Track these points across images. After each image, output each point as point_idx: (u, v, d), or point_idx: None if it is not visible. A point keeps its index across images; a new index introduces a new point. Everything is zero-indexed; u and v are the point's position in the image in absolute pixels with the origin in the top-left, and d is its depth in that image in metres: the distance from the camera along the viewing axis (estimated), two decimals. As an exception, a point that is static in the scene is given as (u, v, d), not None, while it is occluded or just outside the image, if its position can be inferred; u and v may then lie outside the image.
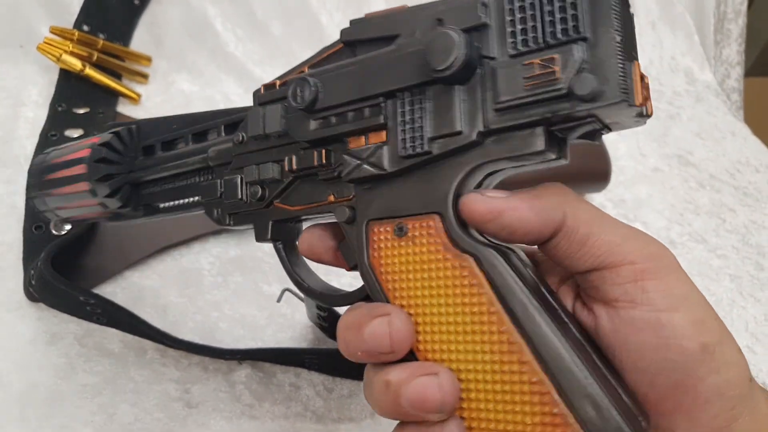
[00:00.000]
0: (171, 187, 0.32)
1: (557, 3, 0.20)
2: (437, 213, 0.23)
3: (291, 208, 0.27)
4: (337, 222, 0.25)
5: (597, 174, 0.57)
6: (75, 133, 0.52)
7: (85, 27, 0.59)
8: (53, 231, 0.44)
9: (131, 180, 0.32)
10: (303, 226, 0.29)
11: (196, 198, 0.31)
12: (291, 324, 0.45)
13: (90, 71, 0.57)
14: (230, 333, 0.44)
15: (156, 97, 0.60)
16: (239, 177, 0.28)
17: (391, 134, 0.24)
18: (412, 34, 0.23)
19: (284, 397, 0.41)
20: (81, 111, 0.55)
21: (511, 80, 0.21)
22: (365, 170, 0.24)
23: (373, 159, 0.24)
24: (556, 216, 0.22)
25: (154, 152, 0.32)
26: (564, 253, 0.22)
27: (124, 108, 0.58)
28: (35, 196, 0.36)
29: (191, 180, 0.31)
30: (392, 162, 0.23)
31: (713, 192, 0.64)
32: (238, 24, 0.64)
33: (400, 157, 0.23)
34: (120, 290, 0.44)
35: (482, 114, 0.22)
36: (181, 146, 0.32)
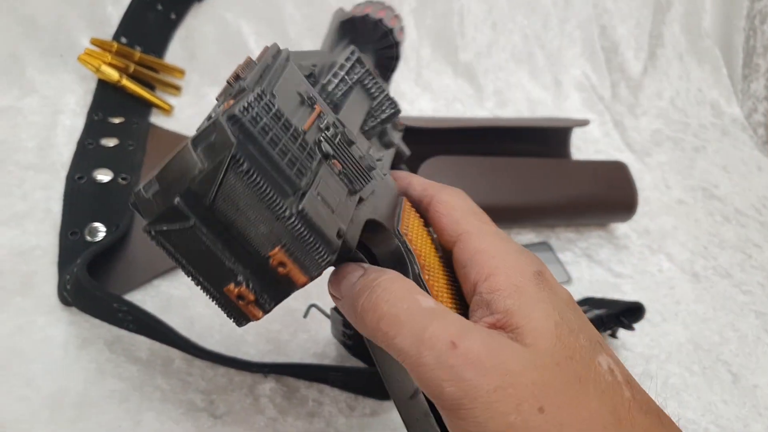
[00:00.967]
0: None
1: None
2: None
3: None
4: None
5: (623, 203, 0.57)
6: (110, 142, 0.53)
7: (123, 39, 0.61)
8: (87, 237, 0.45)
9: None
10: None
11: None
12: (315, 340, 0.45)
13: (126, 82, 0.58)
14: (255, 346, 0.44)
15: (188, 109, 0.61)
16: None
17: None
18: None
19: (307, 413, 0.41)
20: (116, 120, 0.56)
21: None
22: None
23: None
24: None
25: None
26: None
27: (157, 119, 0.59)
28: None
29: None
30: None
31: (738, 227, 0.64)
32: (271, 40, 0.65)
33: None
34: (149, 299, 0.45)
35: None
36: None
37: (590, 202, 0.56)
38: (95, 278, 0.40)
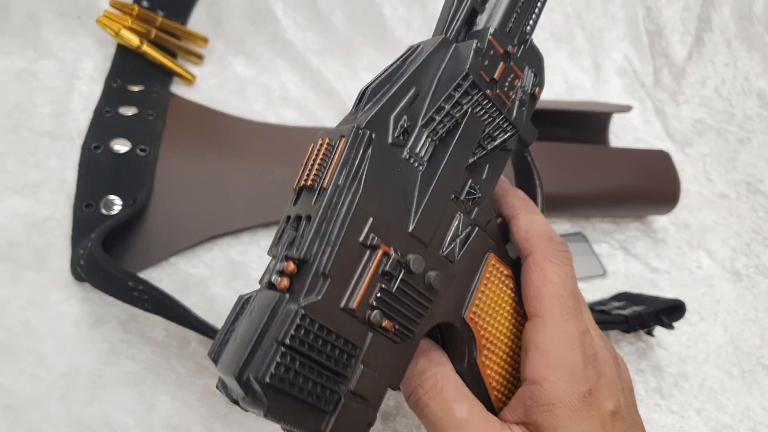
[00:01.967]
0: None
1: None
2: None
3: None
4: None
5: (665, 195, 0.54)
6: (129, 111, 0.51)
7: (145, 3, 0.58)
8: (103, 211, 0.43)
9: None
10: None
11: None
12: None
13: (147, 48, 0.55)
14: (275, 331, 0.42)
15: (210, 79, 0.58)
16: None
17: None
18: None
19: (328, 404, 0.39)
20: (136, 88, 0.53)
21: None
22: None
23: None
24: None
25: None
26: None
27: (178, 89, 0.57)
28: None
29: None
30: None
31: (782, 224, 0.61)
32: (299, 11, 0.62)
33: None
34: (166, 277, 0.43)
35: None
36: None
37: (630, 193, 0.53)
38: (110, 254, 0.38)
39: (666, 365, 0.49)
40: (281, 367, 0.21)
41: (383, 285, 0.24)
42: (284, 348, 0.21)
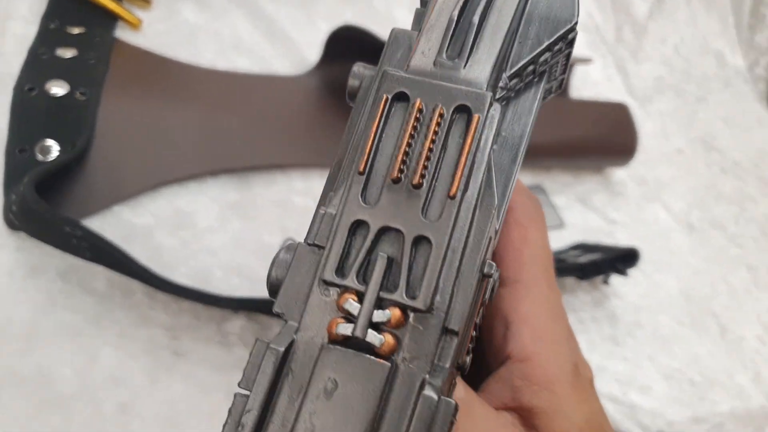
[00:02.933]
0: None
1: None
2: None
3: None
4: None
5: (623, 146, 0.54)
6: (68, 53, 0.48)
7: (86, -60, 0.54)
8: (39, 156, 0.40)
9: None
10: None
11: None
12: (291, 277, 0.42)
13: (88, -11, 0.52)
14: (226, 281, 0.41)
15: (158, 25, 0.55)
16: None
17: None
18: None
19: (280, 354, 0.38)
20: (75, 31, 0.50)
21: None
22: None
23: None
24: None
25: None
26: None
27: (123, 33, 0.54)
28: None
29: None
30: None
31: (736, 179, 0.62)
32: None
33: None
34: (108, 226, 0.41)
35: None
36: None
37: (589, 143, 0.52)
38: (47, 201, 0.36)
39: (621, 314, 0.49)
40: None
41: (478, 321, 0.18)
42: None
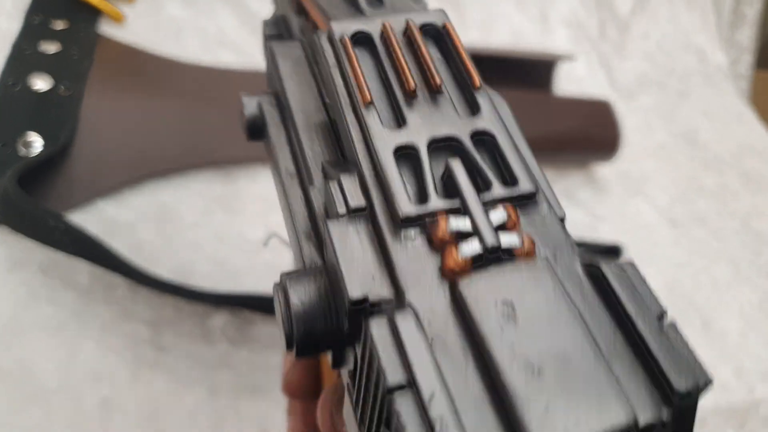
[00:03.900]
0: None
1: None
2: None
3: None
4: None
5: (606, 142, 0.54)
6: (51, 48, 0.47)
7: (69, -65, 0.54)
8: (22, 149, 0.40)
9: None
10: None
11: None
12: (276, 272, 0.42)
13: (71, -16, 0.52)
14: (209, 276, 0.41)
15: (143, 20, 0.55)
16: None
17: None
18: None
19: (263, 347, 0.38)
20: (59, 25, 0.50)
21: None
22: None
23: None
24: None
25: None
26: None
27: (108, 28, 0.53)
28: None
29: None
30: None
31: (717, 174, 0.63)
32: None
33: None
34: (91, 220, 0.41)
35: None
36: None
37: (573, 139, 0.53)
38: (30, 195, 0.36)
39: (603, 308, 0.50)
40: None
41: None
42: None
